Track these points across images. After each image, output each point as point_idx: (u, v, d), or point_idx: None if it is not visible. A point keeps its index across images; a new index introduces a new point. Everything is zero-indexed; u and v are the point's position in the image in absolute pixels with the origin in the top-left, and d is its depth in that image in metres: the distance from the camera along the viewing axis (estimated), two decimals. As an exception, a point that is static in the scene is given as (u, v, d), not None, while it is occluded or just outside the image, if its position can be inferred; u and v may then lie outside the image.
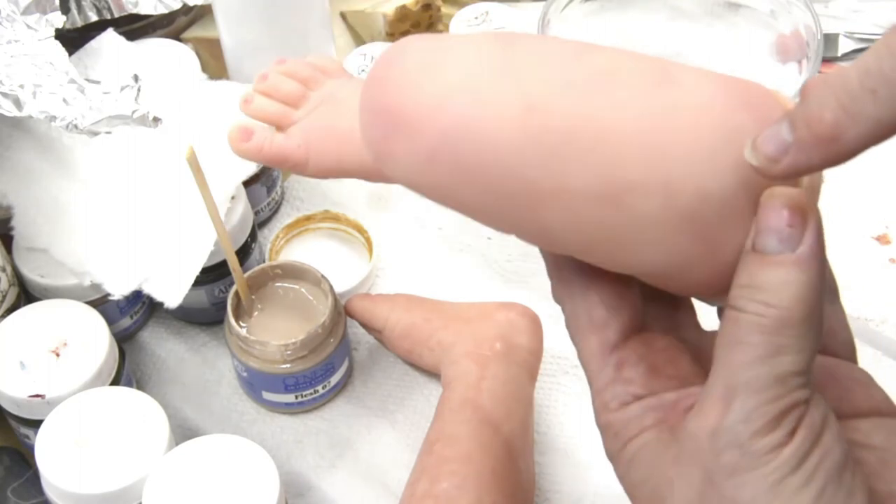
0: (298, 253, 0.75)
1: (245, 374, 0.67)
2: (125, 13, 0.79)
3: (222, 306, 0.67)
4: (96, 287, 0.66)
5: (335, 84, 0.51)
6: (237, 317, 0.65)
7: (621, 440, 0.37)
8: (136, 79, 0.66)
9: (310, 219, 0.76)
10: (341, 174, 0.57)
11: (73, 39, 0.76)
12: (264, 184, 0.75)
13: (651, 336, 0.38)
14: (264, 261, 0.73)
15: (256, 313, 0.67)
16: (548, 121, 0.34)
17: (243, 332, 0.64)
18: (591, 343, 0.38)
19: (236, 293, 0.66)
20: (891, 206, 0.77)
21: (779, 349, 0.33)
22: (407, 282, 0.75)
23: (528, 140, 0.34)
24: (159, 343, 0.72)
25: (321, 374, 0.66)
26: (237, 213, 0.68)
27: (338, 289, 0.68)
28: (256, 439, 0.59)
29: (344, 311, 0.68)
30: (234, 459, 0.57)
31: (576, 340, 0.39)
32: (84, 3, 0.78)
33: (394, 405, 0.69)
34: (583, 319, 0.38)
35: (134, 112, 0.64)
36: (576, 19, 0.79)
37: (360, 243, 0.75)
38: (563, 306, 0.39)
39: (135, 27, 0.81)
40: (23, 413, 0.62)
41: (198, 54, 0.79)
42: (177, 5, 0.79)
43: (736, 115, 0.34)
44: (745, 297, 0.34)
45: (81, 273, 0.66)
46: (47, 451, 0.58)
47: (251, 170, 0.72)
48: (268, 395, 0.67)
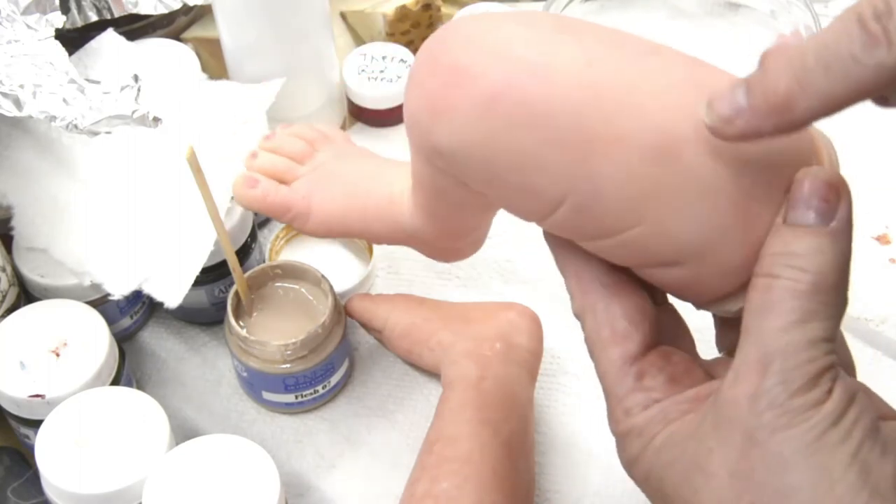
0: (298, 253, 0.75)
1: (245, 374, 0.67)
2: (125, 13, 0.79)
3: (222, 306, 0.67)
4: (96, 287, 0.66)
5: (340, 147, 0.53)
6: (237, 317, 0.65)
7: (647, 436, 0.38)
8: (136, 79, 0.66)
9: (310, 219, 0.76)
10: (342, 228, 0.59)
11: (73, 39, 0.76)
12: (264, 184, 0.75)
13: (667, 350, 0.39)
14: (264, 261, 0.73)
15: (256, 313, 0.67)
16: (609, 73, 0.36)
17: (243, 332, 0.64)
18: (612, 354, 0.39)
19: (236, 293, 0.66)
20: (891, 206, 0.77)
21: (811, 314, 0.34)
22: (407, 282, 0.75)
23: (591, 90, 0.36)
24: (159, 343, 0.72)
25: (321, 374, 0.66)
26: (237, 213, 0.68)
27: (338, 289, 0.68)
28: (256, 439, 0.59)
29: (344, 311, 0.68)
30: (234, 459, 0.57)
31: (596, 352, 0.40)
32: (84, 3, 0.78)
33: (394, 405, 0.69)
34: (605, 331, 0.40)
35: (134, 112, 0.64)
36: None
37: (361, 243, 0.75)
38: (584, 319, 0.41)
39: (135, 27, 0.81)
40: (23, 413, 0.62)
41: (198, 54, 0.79)
42: (177, 5, 0.79)
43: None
44: (780, 263, 0.35)
45: (81, 273, 0.66)
46: (47, 451, 0.58)
47: (251, 170, 0.72)
48: (268, 395, 0.67)
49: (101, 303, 0.67)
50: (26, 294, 0.68)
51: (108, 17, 0.78)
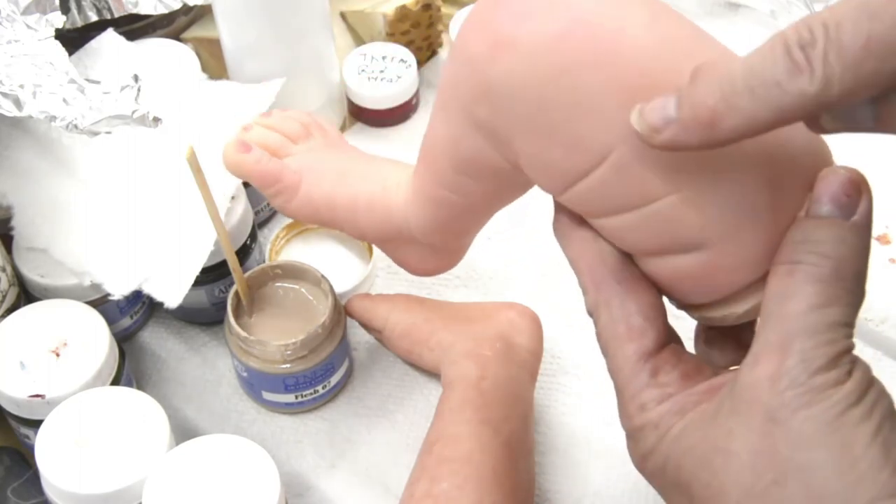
0: (298, 253, 0.75)
1: (245, 374, 0.67)
2: (125, 13, 0.79)
3: (222, 306, 0.67)
4: (96, 287, 0.66)
5: (335, 138, 0.52)
6: (237, 317, 0.65)
7: (664, 429, 0.38)
8: (136, 79, 0.66)
9: (310, 219, 0.76)
10: (328, 213, 0.57)
11: (73, 39, 0.76)
12: (264, 184, 0.75)
13: (679, 348, 0.40)
14: (264, 261, 0.73)
15: (256, 313, 0.67)
16: (674, 29, 0.37)
17: (243, 332, 0.64)
18: (627, 350, 0.40)
19: (236, 293, 0.66)
20: (891, 206, 0.77)
21: (831, 299, 0.35)
22: (407, 282, 0.75)
23: (659, 37, 0.37)
24: (159, 343, 0.72)
25: (321, 374, 0.66)
26: (237, 213, 0.68)
27: (338, 289, 0.68)
28: (256, 439, 0.59)
29: (344, 311, 0.68)
30: (234, 459, 0.57)
31: (610, 348, 0.40)
32: (84, 3, 0.78)
33: (394, 405, 0.69)
34: (620, 327, 0.40)
35: (134, 112, 0.64)
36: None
37: (360, 243, 0.75)
38: (598, 315, 0.41)
39: (135, 27, 0.81)
40: (23, 413, 0.62)
41: (198, 54, 0.79)
42: (177, 5, 0.79)
43: None
44: (802, 250, 0.36)
45: (81, 273, 0.66)
46: (47, 451, 0.58)
47: (251, 170, 0.72)
48: (268, 395, 0.67)
49: (101, 303, 0.67)
50: (26, 294, 0.68)
51: (108, 17, 0.78)
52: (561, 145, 0.38)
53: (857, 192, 0.36)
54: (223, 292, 0.70)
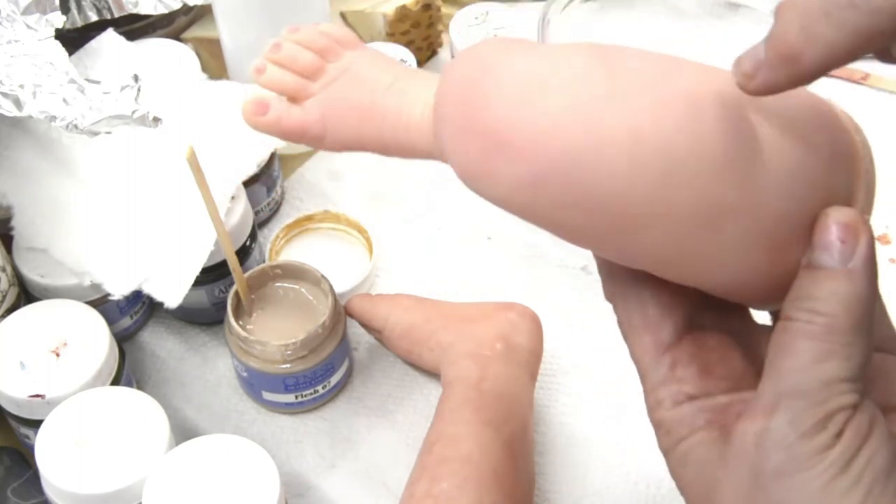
0: (298, 253, 0.75)
1: (245, 374, 0.67)
2: (125, 13, 0.79)
3: (222, 306, 0.67)
4: (96, 287, 0.66)
5: (352, 56, 0.50)
6: (237, 317, 0.65)
7: (674, 438, 0.38)
8: (136, 79, 0.66)
9: (310, 219, 0.76)
10: (360, 148, 0.55)
11: (73, 39, 0.76)
12: (264, 184, 0.75)
13: (703, 335, 0.39)
14: (264, 261, 0.73)
15: (256, 313, 0.67)
16: (653, 148, 0.35)
17: (243, 332, 0.64)
18: (644, 342, 0.39)
19: (236, 293, 0.66)
20: (891, 206, 0.77)
21: (826, 355, 0.34)
22: (407, 282, 0.75)
23: (636, 168, 0.35)
24: (159, 343, 0.72)
25: (321, 374, 0.66)
26: (237, 213, 0.68)
27: (338, 289, 0.68)
28: (256, 439, 0.59)
29: (344, 311, 0.68)
30: (234, 459, 0.57)
31: (628, 338, 0.40)
32: (84, 3, 0.78)
33: (394, 405, 0.69)
34: (636, 318, 0.39)
35: (134, 112, 0.64)
36: (576, 19, 0.79)
37: (360, 243, 0.75)
38: (616, 305, 0.40)
39: (135, 27, 0.81)
40: (23, 413, 0.62)
41: (198, 54, 0.79)
42: (177, 5, 0.79)
43: (813, 135, 0.36)
44: (796, 307, 0.35)
45: (81, 273, 0.66)
46: (47, 451, 0.58)
47: (251, 170, 0.72)
48: (268, 395, 0.67)
49: (101, 303, 0.67)
50: (26, 294, 0.68)
51: (108, 17, 0.78)
52: (570, 239, 0.38)
53: (853, 235, 0.35)
54: (223, 292, 0.70)
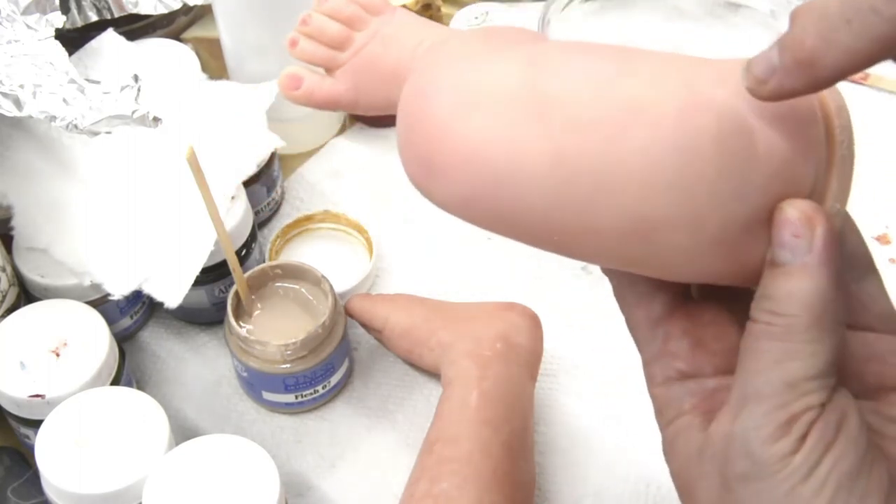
0: (298, 253, 0.75)
1: (245, 374, 0.67)
2: (125, 13, 0.79)
3: (222, 306, 0.67)
4: (96, 287, 0.66)
5: (379, 21, 0.51)
6: (237, 317, 0.65)
7: (664, 419, 0.38)
8: (136, 79, 0.66)
9: (310, 219, 0.76)
10: (393, 110, 0.57)
11: (73, 39, 0.76)
12: (264, 184, 0.75)
13: (698, 308, 0.39)
14: (264, 261, 0.73)
15: (256, 313, 0.67)
16: (576, 169, 0.35)
17: (243, 332, 0.64)
18: (637, 315, 0.39)
19: (236, 293, 0.66)
20: (891, 206, 0.77)
21: (788, 355, 0.34)
22: (407, 282, 0.75)
23: (558, 188, 0.35)
24: (159, 343, 0.72)
25: (321, 374, 0.66)
26: (237, 213, 0.68)
27: (338, 289, 0.68)
28: (256, 439, 0.59)
29: (344, 311, 0.68)
30: (234, 459, 0.57)
31: (623, 311, 0.40)
32: (84, 3, 0.78)
33: (394, 405, 0.69)
34: (627, 293, 0.39)
35: (134, 112, 0.64)
36: (576, 19, 0.79)
37: (360, 243, 0.75)
38: (610, 279, 0.40)
39: (135, 27, 0.81)
40: (23, 413, 0.62)
41: (198, 54, 0.79)
42: (177, 5, 0.79)
43: (764, 134, 0.34)
44: (757, 307, 0.35)
45: (81, 273, 0.66)
46: (47, 451, 0.58)
47: (251, 170, 0.72)
48: (268, 395, 0.67)
49: (101, 303, 0.67)
50: (26, 294, 0.68)
51: (108, 17, 0.78)
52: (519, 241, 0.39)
53: (808, 229, 0.34)
54: (223, 292, 0.70)
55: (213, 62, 0.84)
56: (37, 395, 0.60)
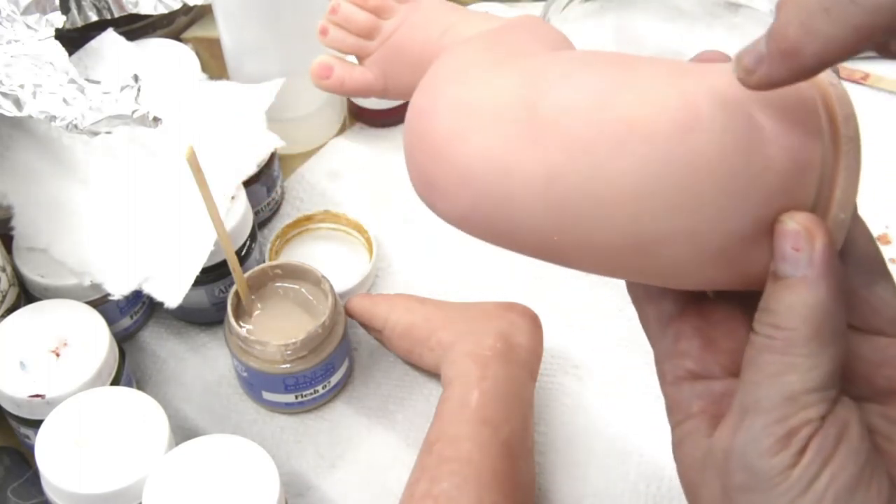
0: (298, 253, 0.75)
1: (245, 374, 0.67)
2: (125, 13, 0.79)
3: (222, 306, 0.67)
4: (96, 287, 0.66)
5: (407, 9, 0.51)
6: (237, 317, 0.65)
7: (673, 419, 0.38)
8: (136, 79, 0.66)
9: (310, 219, 0.76)
10: None
11: (73, 39, 0.76)
12: (264, 184, 0.75)
13: (710, 307, 0.39)
14: (264, 261, 0.73)
15: (256, 313, 0.67)
16: (569, 190, 0.35)
17: (243, 332, 0.64)
18: (648, 313, 0.39)
19: (236, 293, 0.66)
20: (891, 206, 0.78)
21: (787, 368, 0.34)
22: (407, 282, 0.75)
23: (552, 208, 0.35)
24: (159, 343, 0.72)
25: (321, 374, 0.66)
26: (237, 213, 0.68)
27: (338, 289, 0.68)
28: (256, 439, 0.59)
29: (344, 311, 0.68)
30: (234, 459, 0.57)
31: (636, 308, 0.40)
32: (84, 3, 0.78)
33: (394, 405, 0.69)
34: (639, 290, 0.39)
35: (134, 112, 0.64)
36: (576, 19, 0.79)
37: (360, 243, 0.75)
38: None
39: (135, 27, 0.81)
40: (23, 413, 0.62)
41: (198, 54, 0.79)
42: (177, 5, 0.79)
43: (765, 150, 0.34)
44: (758, 320, 0.35)
45: (81, 273, 0.66)
46: (47, 451, 0.58)
47: (251, 170, 0.72)
48: (268, 395, 0.67)
49: (101, 303, 0.67)
50: (26, 294, 0.68)
51: (108, 17, 0.78)
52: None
53: (807, 241, 0.34)
54: (223, 292, 0.70)
55: (213, 62, 0.84)
56: (37, 395, 0.60)
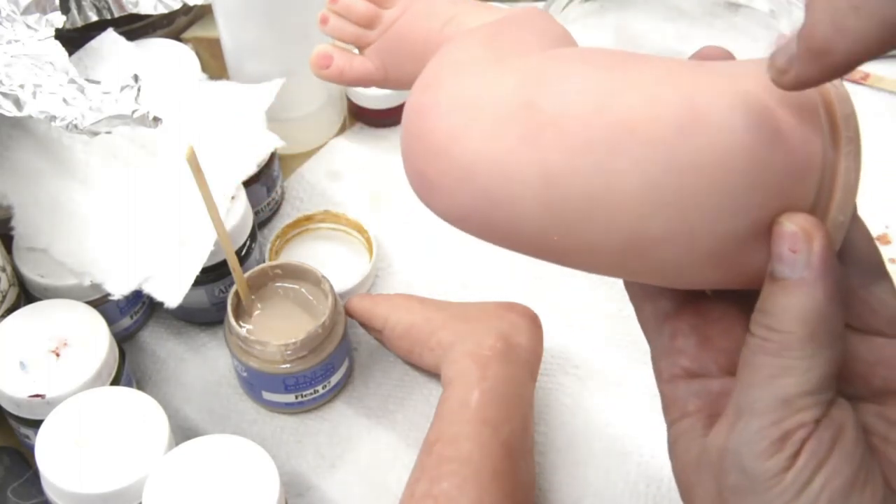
0: (298, 253, 0.75)
1: (245, 374, 0.67)
2: (125, 13, 0.79)
3: (222, 306, 0.67)
4: (96, 287, 0.66)
5: (408, 0, 0.51)
6: (237, 317, 0.65)
7: (669, 417, 0.38)
8: (136, 79, 0.66)
9: (310, 219, 0.76)
10: None
11: (73, 39, 0.76)
12: (264, 184, 0.75)
13: (707, 305, 0.38)
14: (264, 261, 0.73)
15: (256, 313, 0.67)
16: (567, 191, 0.35)
17: (243, 332, 0.64)
18: (645, 310, 0.39)
19: (236, 293, 0.66)
20: (891, 206, 0.78)
21: (783, 371, 0.34)
22: (407, 282, 0.75)
23: (549, 209, 0.35)
24: (159, 343, 0.72)
25: (321, 374, 0.66)
26: (237, 213, 0.68)
27: (338, 289, 0.68)
28: (256, 439, 0.59)
29: (344, 311, 0.68)
30: (234, 459, 0.57)
31: (634, 305, 0.40)
32: (84, 3, 0.78)
33: (394, 405, 0.69)
34: (636, 287, 0.39)
35: (134, 112, 0.64)
36: (576, 19, 0.79)
37: (360, 243, 0.75)
38: None
39: (135, 27, 0.81)
40: (23, 413, 0.62)
41: (198, 54, 0.79)
42: (177, 5, 0.79)
43: (763, 151, 0.34)
44: (754, 321, 0.35)
45: (81, 273, 0.66)
46: (47, 451, 0.58)
47: (251, 170, 0.72)
48: (268, 395, 0.67)
49: (101, 303, 0.67)
50: (26, 294, 0.68)
51: (108, 17, 0.78)
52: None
53: (805, 243, 0.34)
54: (223, 292, 0.70)
55: (213, 62, 0.84)
56: (37, 395, 0.60)
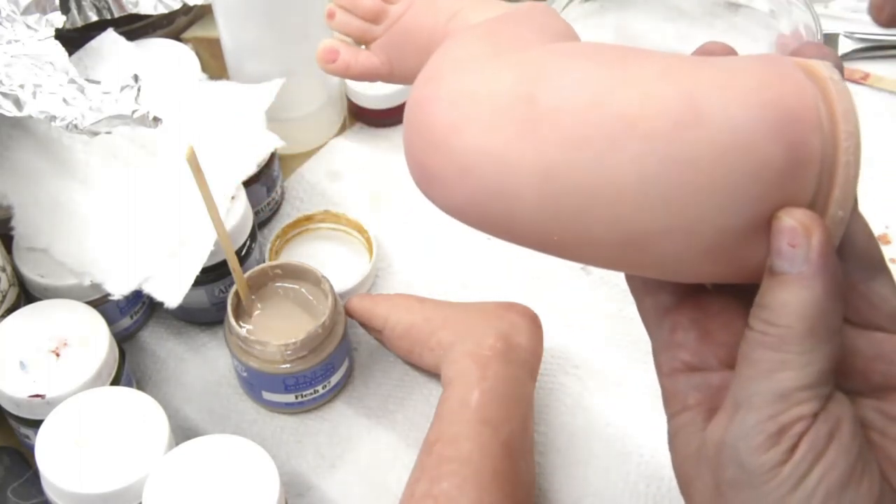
0: (298, 253, 0.75)
1: (245, 374, 0.67)
2: (125, 13, 0.79)
3: (222, 306, 0.67)
4: (96, 287, 0.66)
5: None
6: (237, 317, 0.65)
7: (669, 411, 0.38)
8: (136, 79, 0.66)
9: (310, 219, 0.76)
10: None
11: (73, 39, 0.76)
12: (264, 184, 0.75)
13: (707, 299, 0.39)
14: (264, 261, 0.73)
15: (256, 313, 0.67)
16: (566, 184, 0.35)
17: (243, 332, 0.64)
18: (645, 304, 0.39)
19: (236, 293, 0.66)
20: (891, 206, 0.78)
21: (781, 365, 0.34)
22: (407, 282, 0.75)
23: (548, 203, 0.35)
24: (159, 343, 0.72)
25: (321, 374, 0.66)
26: (237, 213, 0.68)
27: (338, 289, 0.68)
28: (256, 439, 0.59)
29: (344, 311, 0.68)
30: (234, 459, 0.57)
31: (634, 299, 0.40)
32: (84, 3, 0.78)
33: (394, 405, 0.69)
34: (637, 281, 0.40)
35: (134, 112, 0.64)
36: (576, 19, 0.79)
37: (360, 243, 0.75)
38: None
39: (135, 27, 0.81)
40: (23, 413, 0.62)
41: (198, 54, 0.79)
42: (177, 5, 0.79)
43: (764, 146, 0.34)
44: (753, 315, 0.35)
45: (81, 273, 0.66)
46: (47, 451, 0.58)
47: (251, 170, 0.72)
48: (268, 395, 0.67)
49: (101, 303, 0.67)
50: (26, 294, 0.68)
51: (108, 17, 0.78)
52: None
53: (804, 238, 0.34)
54: (223, 292, 0.70)
55: (213, 62, 0.84)
56: (37, 395, 0.60)
